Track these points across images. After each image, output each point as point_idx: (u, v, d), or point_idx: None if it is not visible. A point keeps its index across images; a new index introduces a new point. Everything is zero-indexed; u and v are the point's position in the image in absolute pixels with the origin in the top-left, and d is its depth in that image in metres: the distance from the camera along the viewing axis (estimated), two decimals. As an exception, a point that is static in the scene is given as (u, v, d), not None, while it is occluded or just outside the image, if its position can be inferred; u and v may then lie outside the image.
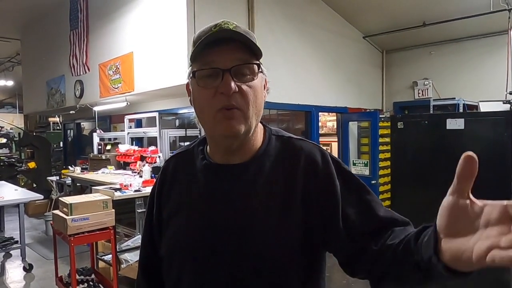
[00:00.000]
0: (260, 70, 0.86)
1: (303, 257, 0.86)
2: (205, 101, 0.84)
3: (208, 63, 0.82)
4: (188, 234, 0.91)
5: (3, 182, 6.33)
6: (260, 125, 0.94)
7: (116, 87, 5.48)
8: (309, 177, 0.88)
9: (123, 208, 4.58)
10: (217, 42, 0.81)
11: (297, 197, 0.86)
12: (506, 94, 5.27)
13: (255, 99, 0.84)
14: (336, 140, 6.88)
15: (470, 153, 0.55)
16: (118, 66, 5.40)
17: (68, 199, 3.45)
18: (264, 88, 0.90)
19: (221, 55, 0.82)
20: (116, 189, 4.13)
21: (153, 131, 5.61)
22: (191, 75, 0.87)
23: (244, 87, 0.82)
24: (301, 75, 5.69)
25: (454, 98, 5.94)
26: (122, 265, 3.73)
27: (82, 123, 9.34)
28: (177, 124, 6.47)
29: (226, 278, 0.86)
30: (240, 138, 0.86)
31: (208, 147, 0.96)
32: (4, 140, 10.31)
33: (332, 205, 0.86)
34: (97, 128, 7.16)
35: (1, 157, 9.90)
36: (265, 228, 0.85)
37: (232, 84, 0.80)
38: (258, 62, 0.85)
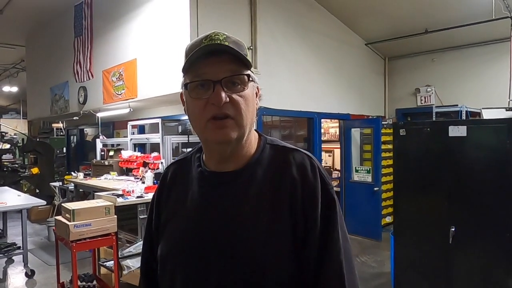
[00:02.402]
0: (250, 79, 0.88)
1: (294, 267, 0.86)
2: (197, 111, 0.87)
3: (199, 75, 0.85)
4: (181, 239, 0.93)
5: (6, 187, 6.35)
6: (255, 133, 0.97)
7: (119, 93, 5.51)
8: (296, 188, 0.89)
9: (125, 214, 4.59)
10: (208, 55, 0.84)
11: (285, 206, 0.88)
12: (509, 101, 5.27)
13: (247, 108, 0.87)
14: (339, 146, 6.88)
15: None
16: (122, 73, 5.43)
17: (71, 205, 3.45)
18: (256, 95, 0.93)
19: (212, 67, 0.85)
20: (118, 195, 4.13)
21: (156, 137, 5.63)
22: (183, 86, 0.90)
23: (235, 96, 0.85)
24: (304, 81, 5.71)
25: (457, 105, 5.94)
26: (124, 272, 3.73)
27: (85, 129, 9.38)
28: (179, 130, 6.49)
29: (215, 283, 0.87)
30: (233, 145, 0.89)
31: (204, 155, 0.98)
32: (7, 146, 10.35)
33: (313, 219, 0.87)
34: (100, 134, 7.18)
35: (5, 163, 9.93)
36: (255, 235, 0.86)
37: (223, 95, 0.83)
38: (247, 73, 0.87)
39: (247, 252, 0.86)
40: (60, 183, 6.88)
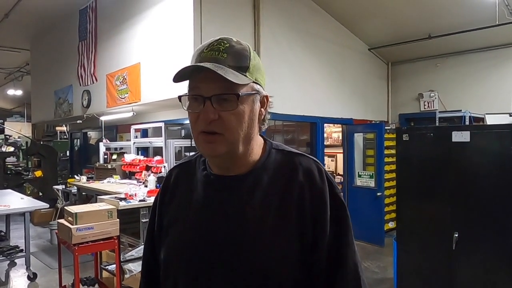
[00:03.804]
0: (246, 95, 0.86)
1: (299, 271, 0.86)
2: (191, 122, 0.88)
3: (193, 89, 0.86)
4: (184, 243, 0.93)
5: (9, 190, 6.36)
6: (260, 138, 0.96)
7: (123, 97, 5.53)
8: (304, 192, 0.89)
9: (128, 217, 4.58)
10: (202, 69, 0.83)
11: (292, 211, 0.88)
12: (512, 107, 5.26)
13: (239, 124, 0.85)
14: (342, 151, 6.87)
15: None
16: (125, 77, 5.46)
17: (73, 208, 3.46)
18: (264, 105, 0.92)
19: (205, 82, 0.84)
20: (121, 199, 4.14)
21: (158, 141, 5.64)
22: (178, 98, 0.91)
23: (225, 114, 0.84)
24: (307, 86, 5.71)
25: (460, 111, 5.93)
26: (126, 275, 3.72)
27: (88, 133, 9.41)
28: (182, 134, 6.49)
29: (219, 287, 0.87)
30: (225, 158, 0.88)
31: None
32: (11, 149, 10.37)
33: (322, 223, 0.87)
34: (103, 137, 7.21)
35: (9, 166, 9.96)
36: (259, 240, 0.86)
37: (211, 113, 0.83)
38: (238, 92, 0.84)
39: (251, 257, 0.86)
40: (63, 186, 6.90)
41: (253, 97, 0.88)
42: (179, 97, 0.89)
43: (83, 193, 6.10)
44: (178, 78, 0.86)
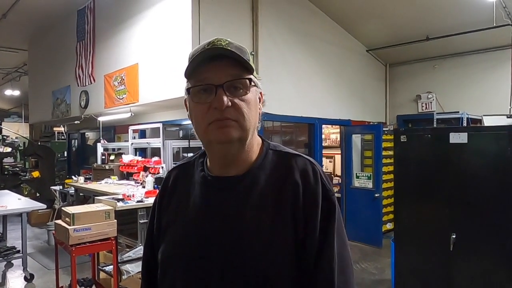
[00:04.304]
0: (253, 84, 0.89)
1: (297, 271, 0.86)
2: (200, 115, 0.87)
3: (201, 80, 0.86)
4: (182, 244, 0.93)
5: (6, 191, 6.34)
6: (258, 138, 0.97)
7: (121, 98, 5.52)
8: (298, 192, 0.89)
9: (125, 218, 4.58)
10: (210, 60, 0.85)
11: (287, 211, 0.88)
12: (509, 109, 5.28)
13: (250, 112, 0.87)
14: (340, 152, 6.88)
15: None
16: (123, 77, 5.45)
17: (71, 209, 3.45)
18: (260, 101, 0.94)
19: (214, 72, 0.85)
20: (118, 200, 4.13)
21: (156, 142, 5.64)
22: (186, 91, 0.91)
23: (237, 101, 0.86)
24: (305, 87, 5.72)
25: (458, 112, 5.94)
26: (123, 276, 3.71)
27: (86, 133, 9.39)
28: (180, 135, 6.50)
29: None
30: (235, 146, 0.88)
31: (208, 159, 0.98)
32: (9, 149, 10.36)
33: (313, 224, 0.87)
34: (101, 138, 7.20)
35: (6, 166, 9.94)
36: (257, 240, 0.86)
37: (225, 99, 0.84)
38: (249, 77, 0.88)
39: (250, 256, 0.86)
40: (61, 187, 6.89)
41: (256, 89, 0.91)
42: (188, 89, 0.89)
43: (81, 194, 6.09)
44: (191, 69, 0.87)
